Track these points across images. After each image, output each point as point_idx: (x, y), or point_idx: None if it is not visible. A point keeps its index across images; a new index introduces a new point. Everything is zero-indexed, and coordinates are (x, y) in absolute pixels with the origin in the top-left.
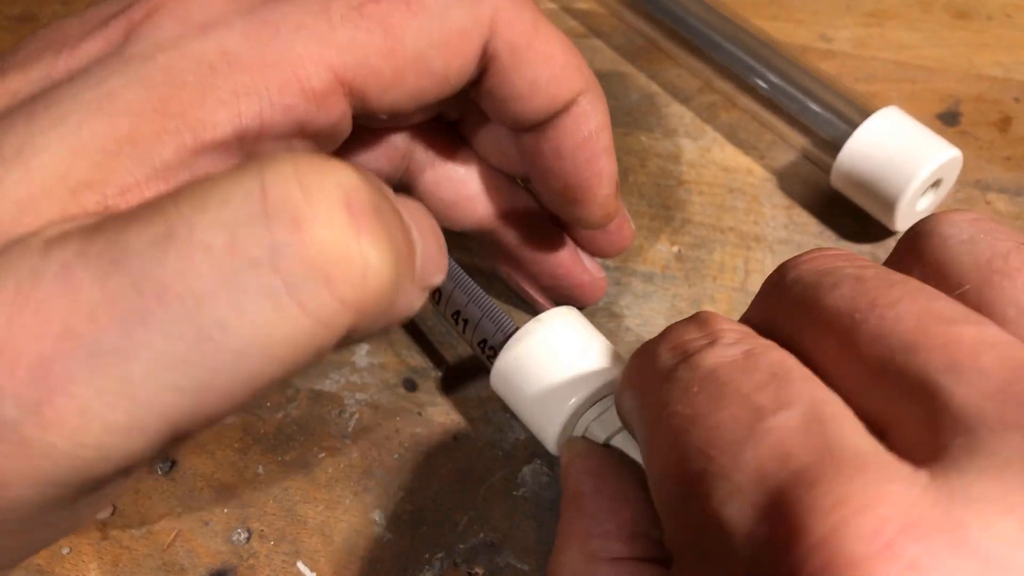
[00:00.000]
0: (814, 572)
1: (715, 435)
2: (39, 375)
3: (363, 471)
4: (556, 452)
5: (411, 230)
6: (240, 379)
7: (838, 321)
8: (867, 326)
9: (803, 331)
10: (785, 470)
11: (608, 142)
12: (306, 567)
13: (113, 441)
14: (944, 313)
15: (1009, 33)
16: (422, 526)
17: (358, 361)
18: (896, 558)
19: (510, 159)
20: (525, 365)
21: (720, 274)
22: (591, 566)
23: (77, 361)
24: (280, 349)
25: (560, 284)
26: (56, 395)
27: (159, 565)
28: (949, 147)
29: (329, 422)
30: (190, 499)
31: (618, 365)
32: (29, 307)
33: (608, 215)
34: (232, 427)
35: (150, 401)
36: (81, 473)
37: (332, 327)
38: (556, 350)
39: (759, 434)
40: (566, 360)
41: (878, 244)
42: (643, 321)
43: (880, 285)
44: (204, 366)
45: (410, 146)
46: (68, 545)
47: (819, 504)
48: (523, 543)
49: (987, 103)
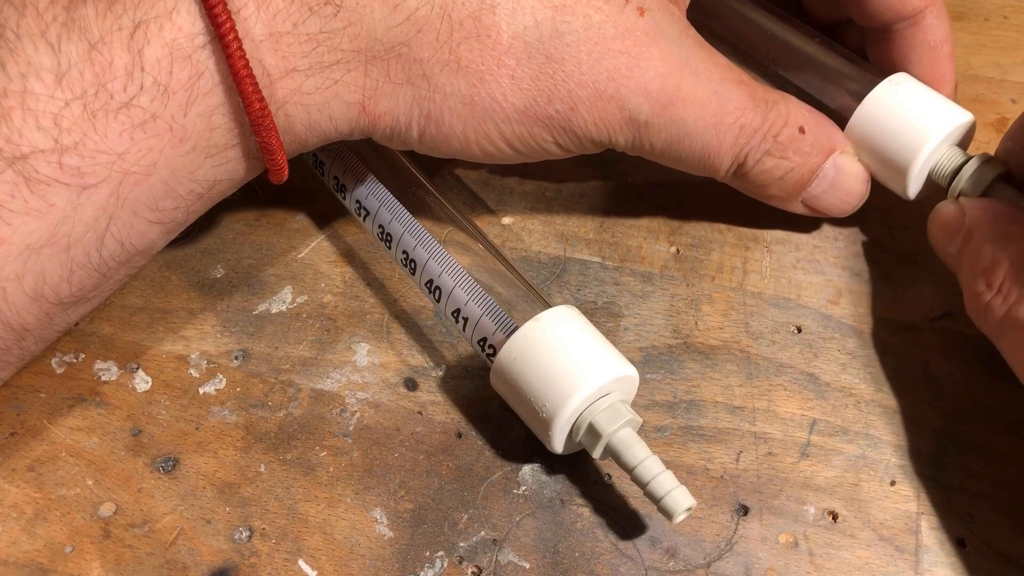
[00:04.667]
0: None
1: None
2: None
3: (364, 470)
4: (557, 451)
5: None
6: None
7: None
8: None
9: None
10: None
11: (951, 51)
12: (307, 565)
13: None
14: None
15: (1006, 34)
16: (423, 524)
17: (359, 360)
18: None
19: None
20: (525, 363)
21: (719, 274)
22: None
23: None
24: None
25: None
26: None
27: (161, 563)
28: (962, 112)
29: (330, 421)
30: (192, 498)
31: (621, 362)
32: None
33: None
34: (234, 426)
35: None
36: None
37: None
38: (556, 348)
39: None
40: (566, 358)
41: (877, 244)
42: (641, 320)
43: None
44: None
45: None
46: (71, 544)
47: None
48: (523, 541)
49: (984, 104)
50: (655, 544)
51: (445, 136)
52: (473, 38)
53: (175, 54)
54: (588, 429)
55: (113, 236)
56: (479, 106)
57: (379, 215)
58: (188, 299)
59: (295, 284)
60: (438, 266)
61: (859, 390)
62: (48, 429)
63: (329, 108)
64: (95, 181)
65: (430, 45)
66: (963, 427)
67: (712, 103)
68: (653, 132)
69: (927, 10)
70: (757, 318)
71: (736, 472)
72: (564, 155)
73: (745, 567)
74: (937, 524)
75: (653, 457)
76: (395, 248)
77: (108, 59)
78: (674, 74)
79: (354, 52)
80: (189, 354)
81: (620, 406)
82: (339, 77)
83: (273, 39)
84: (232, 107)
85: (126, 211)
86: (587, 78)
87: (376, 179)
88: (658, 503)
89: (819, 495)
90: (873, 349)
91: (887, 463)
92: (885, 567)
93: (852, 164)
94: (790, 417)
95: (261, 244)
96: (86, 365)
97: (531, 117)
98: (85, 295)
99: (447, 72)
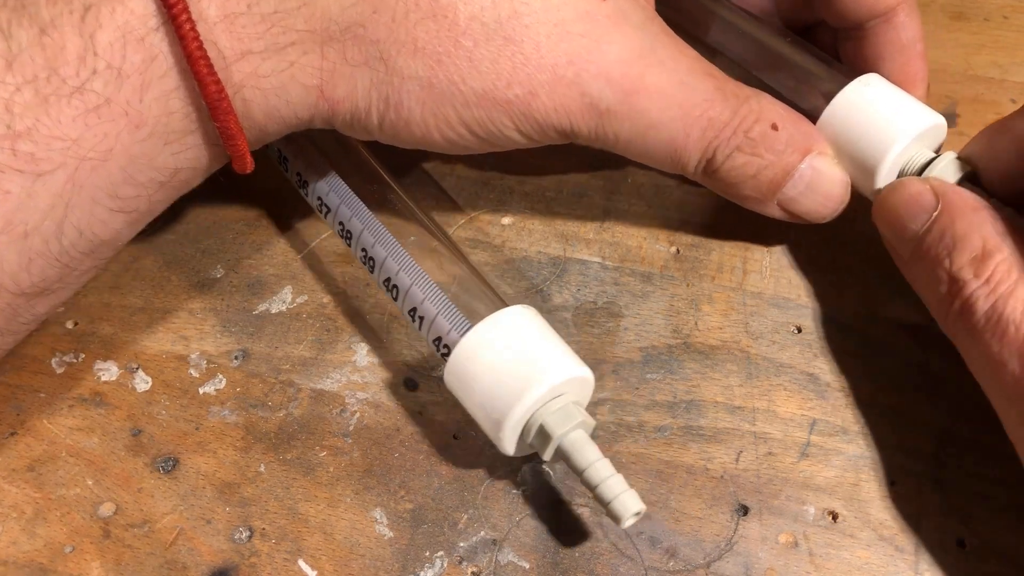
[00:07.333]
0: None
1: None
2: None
3: (364, 470)
4: (508, 452)
5: None
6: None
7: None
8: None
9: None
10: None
11: (923, 50)
12: (307, 566)
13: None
14: None
15: (1006, 34)
16: (423, 524)
17: (359, 360)
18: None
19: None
20: (477, 363)
21: (718, 274)
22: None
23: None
24: None
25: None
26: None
27: (161, 563)
28: (932, 113)
29: (330, 421)
30: (192, 498)
31: (574, 362)
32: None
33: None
34: (234, 426)
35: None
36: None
37: None
38: (509, 348)
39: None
40: (518, 359)
41: (877, 243)
42: (641, 320)
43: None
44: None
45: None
46: (71, 544)
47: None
48: (523, 541)
49: (984, 104)
50: (655, 544)
51: (405, 122)
52: (430, 18)
53: (128, 37)
54: (539, 431)
55: (72, 224)
56: (437, 89)
57: (340, 212)
58: (188, 299)
59: (295, 284)
60: (395, 264)
61: (859, 390)
62: (48, 429)
63: (287, 92)
64: (50, 168)
65: (386, 25)
66: (963, 427)
67: (679, 94)
68: (616, 121)
69: (899, 7)
70: (757, 318)
71: (736, 472)
72: (529, 144)
73: (745, 567)
74: (937, 524)
75: (604, 460)
76: (355, 245)
77: (60, 43)
78: (638, 61)
79: (309, 32)
80: (189, 354)
81: (572, 408)
82: (295, 59)
83: (227, 20)
84: (188, 91)
85: (84, 198)
86: (546, 61)
87: (338, 175)
88: (606, 507)
89: (819, 495)
90: (873, 349)
91: (887, 463)
92: (885, 567)
93: (830, 167)
94: (790, 417)
95: (261, 244)
96: (86, 365)
97: (490, 101)
98: (48, 286)
99: (404, 54)
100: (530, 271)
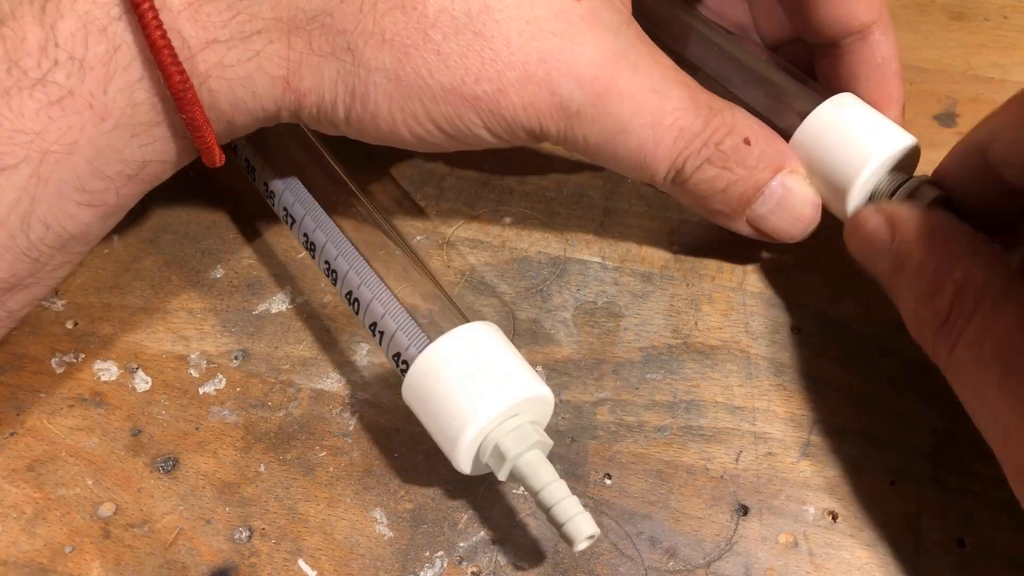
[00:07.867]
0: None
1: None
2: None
3: (364, 470)
4: (464, 471)
5: None
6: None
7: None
8: None
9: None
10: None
11: (898, 69)
12: (307, 565)
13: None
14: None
15: (1006, 34)
16: (422, 524)
17: (359, 360)
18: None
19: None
20: (434, 380)
21: (718, 274)
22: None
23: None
24: None
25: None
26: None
27: (161, 563)
28: (905, 135)
29: (330, 421)
30: (192, 498)
31: (532, 381)
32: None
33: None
34: (234, 426)
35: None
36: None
37: None
38: (465, 366)
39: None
40: (474, 377)
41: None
42: (641, 320)
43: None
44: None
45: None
46: (71, 544)
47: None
48: (523, 541)
49: (984, 104)
50: (655, 544)
51: (371, 115)
52: (398, 9)
53: (89, 27)
54: (494, 450)
55: (38, 218)
56: (404, 82)
57: (304, 223)
58: (188, 299)
59: (295, 284)
60: (357, 277)
61: (859, 390)
62: (48, 429)
63: (253, 83)
64: (13, 162)
65: (353, 15)
66: (963, 427)
67: (650, 101)
68: (586, 123)
69: (874, 25)
70: (757, 318)
71: (736, 472)
72: (498, 143)
73: (745, 567)
74: (937, 524)
75: (559, 482)
76: (319, 257)
77: (20, 35)
78: (610, 64)
79: (275, 20)
80: (189, 354)
81: (528, 428)
82: (261, 48)
83: (192, 8)
84: (153, 81)
85: (50, 192)
86: (517, 58)
87: (303, 185)
88: (560, 529)
89: (819, 495)
90: (873, 349)
91: (887, 463)
92: (885, 567)
93: (802, 186)
94: (790, 417)
95: (261, 244)
96: (86, 365)
97: (458, 96)
98: (19, 281)
99: (372, 45)
100: (530, 271)
